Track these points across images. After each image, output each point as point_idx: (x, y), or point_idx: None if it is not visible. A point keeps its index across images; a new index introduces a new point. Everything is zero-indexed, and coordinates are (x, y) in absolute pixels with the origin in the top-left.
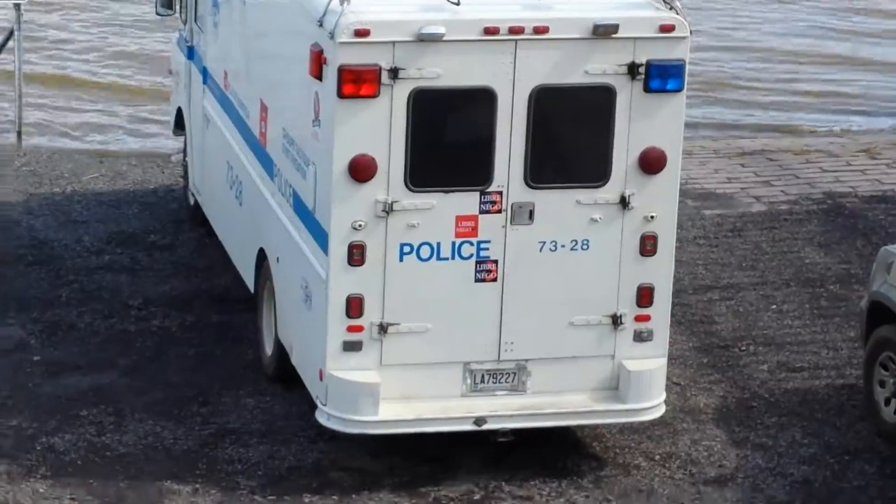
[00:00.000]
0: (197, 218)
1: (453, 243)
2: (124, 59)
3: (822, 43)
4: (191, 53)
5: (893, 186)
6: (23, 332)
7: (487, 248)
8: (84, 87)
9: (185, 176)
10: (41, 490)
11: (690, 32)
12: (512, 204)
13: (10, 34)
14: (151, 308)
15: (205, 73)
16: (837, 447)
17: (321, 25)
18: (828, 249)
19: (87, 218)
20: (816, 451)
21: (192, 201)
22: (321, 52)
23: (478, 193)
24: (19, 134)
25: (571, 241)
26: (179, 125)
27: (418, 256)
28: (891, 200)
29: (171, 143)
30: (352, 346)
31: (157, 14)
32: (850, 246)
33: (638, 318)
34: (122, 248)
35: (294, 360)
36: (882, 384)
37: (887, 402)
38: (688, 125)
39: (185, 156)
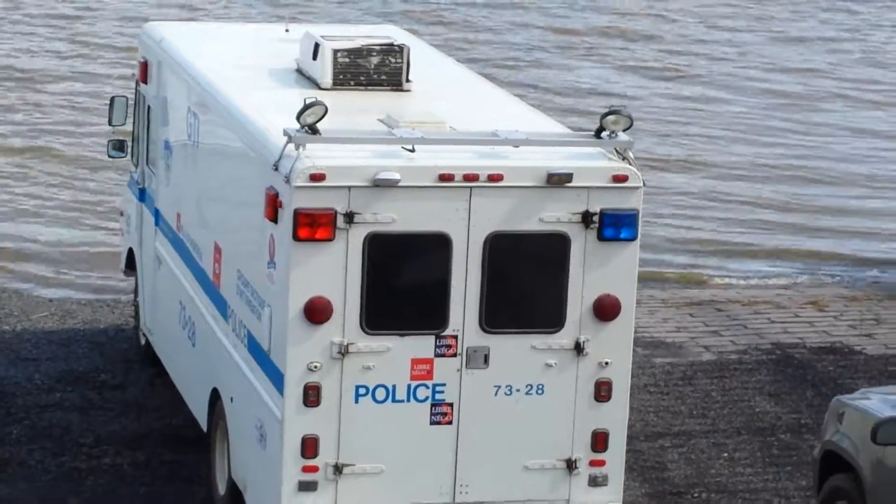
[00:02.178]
0: (148, 358)
1: (409, 386)
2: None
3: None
4: (142, 195)
5: (841, 338)
6: None
7: (443, 392)
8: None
9: (136, 316)
10: None
11: (644, 183)
12: (467, 348)
13: None
14: (103, 446)
15: (157, 214)
16: None
17: (276, 169)
18: (778, 399)
19: (37, 356)
20: None
21: (143, 341)
22: (276, 195)
23: (433, 337)
24: None
25: (526, 386)
26: (130, 265)
27: (374, 398)
28: (839, 352)
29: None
30: (307, 486)
31: (109, 157)
32: (800, 396)
33: (593, 463)
34: (72, 387)
35: (248, 500)
36: None
37: None
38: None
39: (135, 296)
